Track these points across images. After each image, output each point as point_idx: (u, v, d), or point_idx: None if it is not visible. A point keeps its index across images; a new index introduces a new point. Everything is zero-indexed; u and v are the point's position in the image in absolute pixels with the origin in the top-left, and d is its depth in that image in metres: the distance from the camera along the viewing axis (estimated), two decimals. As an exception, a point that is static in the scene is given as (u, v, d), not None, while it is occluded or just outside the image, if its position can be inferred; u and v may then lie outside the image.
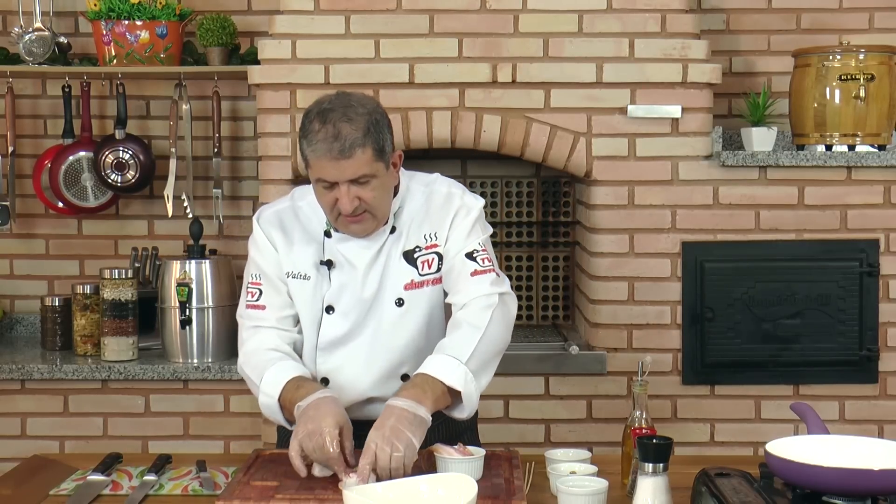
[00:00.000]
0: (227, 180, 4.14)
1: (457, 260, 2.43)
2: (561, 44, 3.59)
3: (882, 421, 3.69)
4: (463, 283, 2.42)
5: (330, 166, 2.28)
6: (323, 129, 2.27)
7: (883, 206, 3.66)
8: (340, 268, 2.45)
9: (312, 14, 3.63)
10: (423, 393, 2.23)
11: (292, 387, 2.32)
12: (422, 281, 2.44)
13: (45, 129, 4.21)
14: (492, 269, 2.43)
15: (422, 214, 2.47)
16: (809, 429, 2.16)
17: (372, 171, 2.30)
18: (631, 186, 3.63)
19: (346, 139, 2.26)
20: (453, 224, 2.45)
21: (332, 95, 2.36)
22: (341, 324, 2.45)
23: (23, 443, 3.73)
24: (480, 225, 2.49)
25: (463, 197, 2.48)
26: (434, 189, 2.49)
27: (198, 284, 3.73)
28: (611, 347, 3.66)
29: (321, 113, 2.30)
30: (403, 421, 2.16)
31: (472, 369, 2.29)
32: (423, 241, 2.45)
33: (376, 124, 2.31)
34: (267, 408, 2.37)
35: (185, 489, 2.29)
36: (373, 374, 2.45)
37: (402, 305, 2.43)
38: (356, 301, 2.44)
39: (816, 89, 3.66)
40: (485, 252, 2.45)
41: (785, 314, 3.66)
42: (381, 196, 2.35)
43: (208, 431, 3.77)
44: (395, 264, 2.44)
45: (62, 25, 4.13)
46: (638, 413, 2.26)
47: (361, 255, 2.44)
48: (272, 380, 2.35)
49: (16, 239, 4.21)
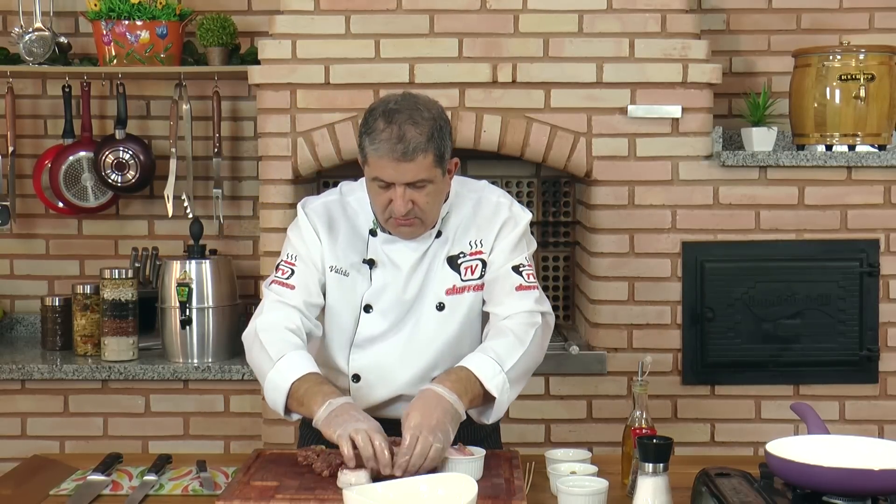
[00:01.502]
0: (227, 180, 4.14)
1: (502, 271, 2.44)
2: (561, 44, 3.59)
3: (882, 421, 3.69)
4: (506, 296, 2.43)
5: (391, 167, 2.28)
6: (388, 128, 2.27)
7: (883, 206, 3.66)
8: (383, 267, 2.45)
9: (312, 14, 3.63)
10: (464, 390, 2.25)
11: (314, 380, 2.27)
12: (463, 287, 2.45)
13: (45, 129, 4.21)
14: (536, 286, 2.46)
15: (469, 221, 2.47)
16: (809, 429, 2.16)
17: (430, 176, 2.31)
18: (631, 186, 3.63)
19: (411, 142, 2.26)
20: (500, 234, 2.46)
21: (399, 95, 2.36)
22: (379, 323, 2.45)
23: (23, 443, 3.73)
24: (527, 239, 2.50)
25: (511, 208, 2.49)
26: (483, 196, 2.50)
27: (198, 284, 3.73)
28: (611, 347, 3.66)
29: (387, 112, 2.29)
30: (448, 415, 2.19)
31: (510, 379, 2.32)
32: (468, 247, 2.46)
33: (440, 130, 2.32)
34: (274, 388, 2.29)
35: (186, 489, 2.28)
36: (406, 374, 2.45)
37: (443, 310, 2.44)
38: (396, 302, 2.44)
39: (816, 89, 3.66)
40: (530, 267, 2.47)
41: (785, 314, 3.66)
42: (433, 202, 2.36)
43: (208, 431, 3.77)
44: (439, 269, 2.45)
45: (62, 25, 4.13)
46: (638, 413, 2.26)
47: (407, 256, 2.44)
48: (293, 364, 2.28)
49: (16, 239, 4.21)
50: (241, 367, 3.72)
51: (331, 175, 3.98)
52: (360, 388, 2.45)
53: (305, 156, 3.64)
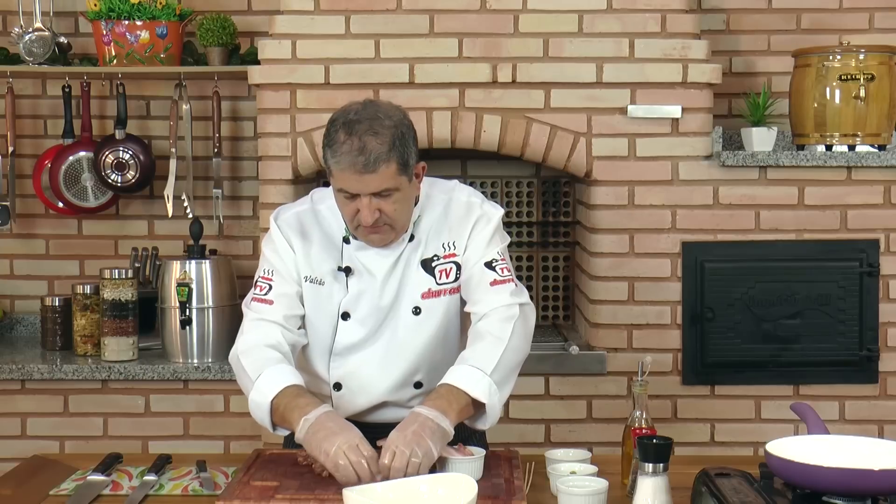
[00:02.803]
0: (227, 180, 4.14)
1: (476, 269, 2.43)
2: (561, 44, 3.59)
3: (882, 421, 3.69)
4: (482, 292, 2.41)
5: (353, 179, 2.26)
6: (348, 140, 2.24)
7: (883, 206, 3.66)
8: (359, 275, 2.43)
9: (312, 14, 3.63)
10: (448, 405, 2.23)
11: (291, 393, 2.27)
12: (439, 290, 2.44)
13: (45, 129, 4.21)
14: (511, 279, 2.43)
15: (441, 223, 2.45)
16: (809, 429, 2.16)
17: (395, 184, 2.28)
18: (631, 186, 3.63)
19: (371, 154, 2.23)
20: (472, 234, 2.44)
21: (360, 105, 2.32)
22: (357, 330, 2.44)
23: (23, 443, 3.73)
24: (499, 235, 2.48)
25: (483, 206, 2.47)
26: (453, 197, 2.47)
27: (198, 284, 3.73)
28: (611, 347, 3.66)
29: (347, 124, 2.27)
30: (426, 429, 2.16)
31: (496, 381, 2.30)
32: (441, 249, 2.44)
33: (402, 138, 2.29)
34: (257, 406, 2.31)
35: (186, 489, 2.29)
36: (386, 380, 2.44)
37: (419, 314, 2.43)
38: (373, 308, 2.43)
39: (816, 89, 3.66)
40: (504, 262, 2.45)
41: (785, 314, 3.66)
42: (401, 208, 2.34)
43: (208, 431, 3.78)
44: (414, 273, 2.43)
45: (62, 25, 4.13)
46: (638, 413, 2.26)
47: (380, 263, 2.42)
48: (271, 380, 2.29)
49: (16, 239, 4.21)
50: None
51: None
52: (342, 395, 2.45)
53: (305, 156, 3.64)
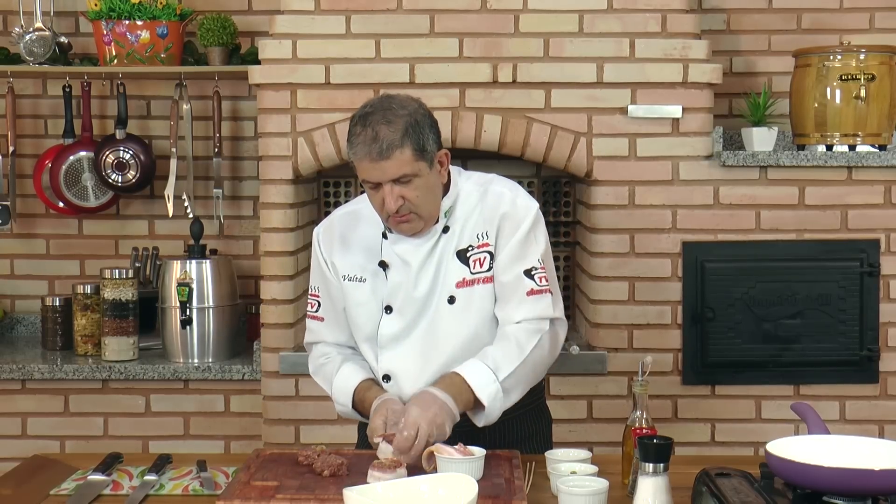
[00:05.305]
0: (227, 180, 4.14)
1: (513, 276, 2.46)
2: (561, 44, 3.59)
3: (882, 421, 3.69)
4: (518, 301, 2.46)
5: (371, 167, 2.34)
6: (363, 132, 2.34)
7: (883, 206, 3.66)
8: (395, 268, 2.49)
9: (313, 14, 3.63)
10: (458, 394, 2.37)
11: (362, 389, 2.49)
12: (473, 279, 2.48)
13: (45, 128, 4.21)
14: (548, 289, 2.47)
15: (475, 214, 2.50)
16: (810, 429, 2.16)
17: (413, 170, 2.35)
18: (631, 186, 3.63)
19: (384, 141, 2.32)
20: (502, 230, 2.47)
21: (376, 99, 2.42)
22: (397, 322, 2.50)
23: (23, 443, 3.73)
24: (537, 234, 2.50)
25: (515, 200, 2.49)
26: (489, 189, 2.52)
27: (198, 284, 3.73)
28: (611, 347, 3.66)
29: (363, 116, 2.36)
30: (444, 414, 2.31)
31: (505, 387, 2.40)
32: (475, 239, 2.48)
33: (416, 125, 2.35)
34: (344, 414, 2.58)
35: (186, 489, 2.29)
36: (429, 370, 2.48)
37: (454, 303, 2.47)
38: (409, 299, 2.49)
39: (817, 89, 3.66)
40: (543, 270, 2.48)
41: (785, 314, 3.66)
42: (425, 195, 2.39)
43: (208, 431, 3.78)
44: (448, 263, 2.48)
45: (63, 25, 4.13)
46: (638, 413, 2.26)
47: (415, 254, 2.48)
48: (341, 387, 2.52)
49: (16, 239, 4.21)
50: (241, 366, 3.72)
51: (331, 175, 3.99)
52: (392, 387, 2.52)
53: (306, 156, 3.64)
